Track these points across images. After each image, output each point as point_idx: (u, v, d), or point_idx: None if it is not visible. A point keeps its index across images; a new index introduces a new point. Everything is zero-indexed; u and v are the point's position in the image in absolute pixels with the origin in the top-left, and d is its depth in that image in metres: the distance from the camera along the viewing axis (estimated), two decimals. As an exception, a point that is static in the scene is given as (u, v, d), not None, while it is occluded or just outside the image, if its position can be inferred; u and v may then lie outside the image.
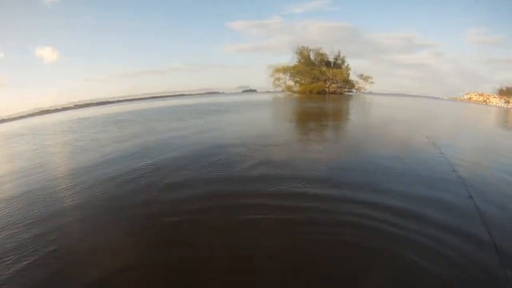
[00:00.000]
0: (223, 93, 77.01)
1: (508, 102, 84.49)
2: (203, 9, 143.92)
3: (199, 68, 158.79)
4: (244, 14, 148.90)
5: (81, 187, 5.50)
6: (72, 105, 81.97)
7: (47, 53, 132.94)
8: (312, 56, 64.41)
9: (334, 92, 61.36)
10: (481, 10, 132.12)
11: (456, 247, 3.24)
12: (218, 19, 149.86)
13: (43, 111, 70.79)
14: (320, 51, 64.52)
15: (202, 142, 8.69)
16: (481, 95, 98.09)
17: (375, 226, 3.63)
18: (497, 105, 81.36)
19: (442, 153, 7.51)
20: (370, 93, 74.34)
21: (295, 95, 54.96)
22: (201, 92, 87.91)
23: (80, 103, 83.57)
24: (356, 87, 66.98)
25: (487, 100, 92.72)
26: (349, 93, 63.73)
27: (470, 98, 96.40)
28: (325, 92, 60.49)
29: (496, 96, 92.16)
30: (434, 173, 5.85)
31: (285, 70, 64.67)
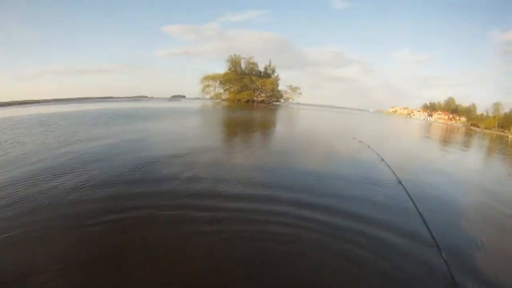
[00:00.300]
0: (152, 98, 73.30)
1: (430, 115, 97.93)
2: (138, 9, 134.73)
3: (129, 69, 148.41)
4: (180, 18, 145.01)
5: None
6: None
7: None
8: (243, 65, 65.53)
9: (262, 102, 63.12)
10: (410, 31, 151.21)
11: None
12: (152, 21, 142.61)
13: None
14: (251, 61, 66.07)
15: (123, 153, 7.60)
16: (406, 108, 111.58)
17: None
18: (420, 118, 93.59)
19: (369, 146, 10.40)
20: (298, 103, 78.78)
21: (224, 103, 54.95)
22: (130, 96, 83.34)
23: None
24: (285, 97, 70.20)
25: (411, 114, 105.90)
26: (277, 103, 66.29)
27: (395, 111, 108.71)
28: (254, 101, 61.85)
29: (420, 110, 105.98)
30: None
31: (214, 77, 64.41)
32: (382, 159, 8.51)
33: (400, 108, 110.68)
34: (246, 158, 8.10)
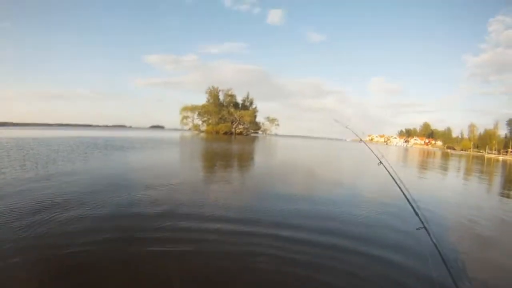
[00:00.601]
0: (130, 128, 71.59)
1: (407, 141, 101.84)
2: (118, 35, 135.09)
3: (108, 97, 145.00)
4: (160, 48, 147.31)
5: None
6: None
7: None
8: (221, 97, 66.35)
9: (240, 133, 63.16)
10: (382, 61, 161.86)
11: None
12: (132, 50, 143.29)
13: None
14: (230, 92, 67.22)
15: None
16: (382, 136, 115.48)
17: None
18: (397, 144, 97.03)
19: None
20: (276, 135, 79.82)
21: (202, 134, 54.18)
22: (109, 125, 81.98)
23: None
24: (263, 129, 71.08)
25: (388, 141, 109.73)
26: (255, 134, 66.64)
27: (371, 139, 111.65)
28: (232, 133, 61.73)
29: (396, 137, 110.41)
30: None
31: (193, 109, 64.43)
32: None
33: (376, 136, 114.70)
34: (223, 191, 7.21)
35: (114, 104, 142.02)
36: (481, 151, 66.71)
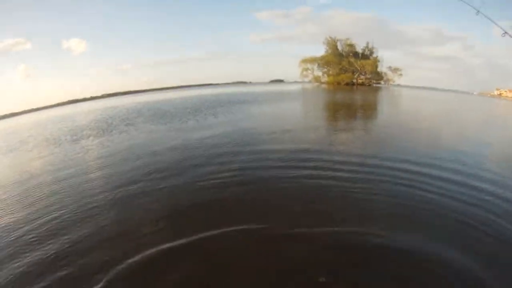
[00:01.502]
0: (250, 83, 78.28)
1: None
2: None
3: (222, 56, 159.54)
4: (270, 4, 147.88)
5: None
6: (100, 95, 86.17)
7: (74, 44, 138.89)
8: (339, 47, 64.50)
9: (362, 84, 61.38)
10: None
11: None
12: (242, 9, 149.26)
13: (71, 100, 75.65)
14: (348, 42, 64.38)
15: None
16: None
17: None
18: None
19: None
20: (399, 85, 73.15)
21: (323, 85, 55.74)
22: (229, 82, 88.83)
23: (108, 93, 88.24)
24: (385, 79, 66.47)
25: None
26: (378, 85, 63.41)
27: (500, 94, 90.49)
28: (353, 84, 60.69)
29: None
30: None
31: (312, 60, 65.20)
32: None
33: (505, 91, 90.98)
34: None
35: (230, 62, 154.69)
36: None
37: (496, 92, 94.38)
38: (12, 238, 4.20)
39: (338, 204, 4.71)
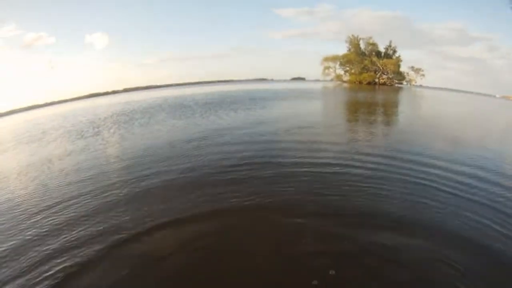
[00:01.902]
0: (272, 80, 78.54)
1: None
2: None
3: (245, 52, 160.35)
4: (292, 2, 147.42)
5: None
6: (121, 89, 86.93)
7: (97, 38, 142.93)
8: (362, 46, 64.62)
9: (384, 84, 61.50)
10: None
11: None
12: (267, 4, 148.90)
13: (93, 94, 77.14)
14: (371, 41, 64.37)
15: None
16: None
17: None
18: None
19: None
20: (421, 86, 72.13)
21: (345, 84, 56.34)
22: (250, 79, 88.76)
23: (129, 87, 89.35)
24: (407, 79, 66.04)
25: None
26: (400, 85, 63.29)
27: None
28: (375, 83, 60.96)
29: None
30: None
31: (334, 58, 65.66)
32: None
33: None
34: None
35: (252, 59, 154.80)
36: None
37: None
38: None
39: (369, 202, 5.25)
